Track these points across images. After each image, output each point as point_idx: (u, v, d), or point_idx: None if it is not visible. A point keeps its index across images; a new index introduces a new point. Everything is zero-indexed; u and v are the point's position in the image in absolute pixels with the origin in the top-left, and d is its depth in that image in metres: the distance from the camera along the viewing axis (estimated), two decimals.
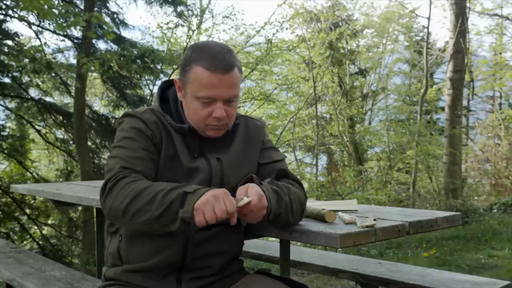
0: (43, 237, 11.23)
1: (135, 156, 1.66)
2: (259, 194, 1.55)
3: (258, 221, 1.59)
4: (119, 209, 1.54)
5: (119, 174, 1.60)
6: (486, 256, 6.79)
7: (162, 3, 11.87)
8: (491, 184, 16.10)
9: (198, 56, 1.67)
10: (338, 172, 17.67)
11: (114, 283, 1.80)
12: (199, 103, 1.69)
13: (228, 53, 1.68)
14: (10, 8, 9.48)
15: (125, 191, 1.54)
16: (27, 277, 3.13)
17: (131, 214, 1.52)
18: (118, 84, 11.27)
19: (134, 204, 1.51)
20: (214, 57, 1.65)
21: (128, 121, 1.76)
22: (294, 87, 17.07)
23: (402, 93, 19.82)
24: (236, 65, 1.70)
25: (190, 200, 1.46)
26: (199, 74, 1.66)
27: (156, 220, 1.49)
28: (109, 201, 1.58)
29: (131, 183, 1.56)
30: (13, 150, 11.23)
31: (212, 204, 1.44)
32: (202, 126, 1.72)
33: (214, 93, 1.66)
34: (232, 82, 1.68)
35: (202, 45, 1.75)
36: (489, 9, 16.36)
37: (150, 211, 1.49)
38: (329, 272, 3.19)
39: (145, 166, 1.66)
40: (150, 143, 1.70)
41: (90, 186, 3.55)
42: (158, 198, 1.49)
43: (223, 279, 1.80)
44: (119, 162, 1.65)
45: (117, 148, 1.71)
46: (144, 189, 1.52)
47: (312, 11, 16.80)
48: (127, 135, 1.72)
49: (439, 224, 1.94)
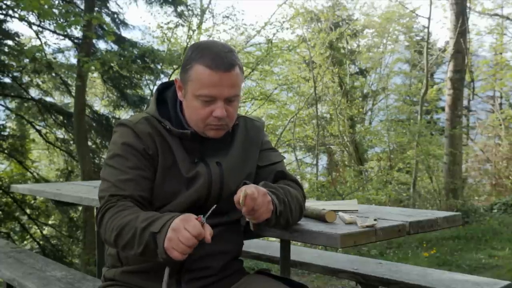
0: (44, 237, 11.23)
1: (124, 179, 1.66)
2: (260, 189, 1.56)
3: (267, 217, 1.58)
4: (110, 241, 1.60)
5: (107, 204, 1.63)
6: (486, 256, 6.79)
7: (163, 3, 11.87)
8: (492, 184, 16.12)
9: (200, 55, 1.66)
10: (338, 172, 17.68)
11: (114, 283, 1.80)
12: (199, 102, 1.67)
13: (229, 52, 1.67)
14: (10, 8, 9.47)
15: (111, 225, 1.58)
16: (27, 277, 3.13)
17: (121, 247, 1.58)
18: (119, 84, 11.27)
19: (120, 240, 1.56)
20: (216, 56, 1.64)
21: (120, 133, 1.75)
22: (294, 87, 17.09)
23: (402, 93, 19.80)
24: (238, 64, 1.68)
25: (159, 240, 1.45)
26: (200, 72, 1.64)
27: (142, 256, 1.53)
28: (102, 233, 1.64)
29: (116, 214, 1.58)
30: (14, 150, 11.24)
31: (176, 238, 1.42)
32: (202, 126, 1.71)
33: (214, 91, 1.65)
34: (233, 81, 1.67)
35: (204, 44, 1.74)
36: (490, 9, 16.39)
37: (133, 248, 1.53)
38: (329, 272, 3.18)
39: (135, 187, 1.66)
40: (142, 158, 1.69)
41: (91, 186, 3.55)
42: (136, 237, 1.51)
43: (223, 280, 1.80)
44: (107, 189, 1.67)
45: (108, 168, 1.71)
46: (126, 224, 1.54)
47: (312, 11, 16.80)
48: (117, 153, 1.71)
49: (439, 224, 1.94)
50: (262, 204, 1.55)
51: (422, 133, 13.86)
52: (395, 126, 16.41)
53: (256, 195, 1.53)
